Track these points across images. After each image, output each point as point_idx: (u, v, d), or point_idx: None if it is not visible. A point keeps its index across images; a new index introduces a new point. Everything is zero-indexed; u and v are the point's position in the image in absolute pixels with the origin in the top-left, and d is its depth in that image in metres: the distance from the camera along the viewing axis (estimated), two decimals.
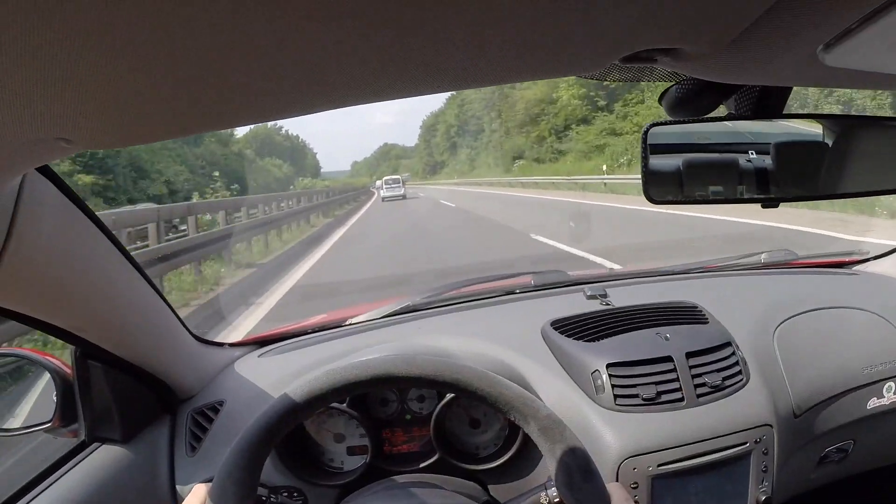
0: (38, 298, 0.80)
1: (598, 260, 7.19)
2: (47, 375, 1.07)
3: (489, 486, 1.16)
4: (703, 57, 0.47)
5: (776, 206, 0.83)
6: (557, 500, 0.81)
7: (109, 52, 0.33)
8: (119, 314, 0.98)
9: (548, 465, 0.76)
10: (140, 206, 15.36)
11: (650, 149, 0.81)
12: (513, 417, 0.78)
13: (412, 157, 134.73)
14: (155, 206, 13.31)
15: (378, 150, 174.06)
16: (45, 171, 0.74)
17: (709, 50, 0.46)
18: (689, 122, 0.78)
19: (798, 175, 0.87)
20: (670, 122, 0.78)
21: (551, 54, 0.43)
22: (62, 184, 0.78)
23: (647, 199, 0.80)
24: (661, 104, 0.75)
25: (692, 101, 0.71)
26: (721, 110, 0.77)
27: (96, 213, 0.86)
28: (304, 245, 13.14)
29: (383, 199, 35.49)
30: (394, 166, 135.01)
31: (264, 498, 0.84)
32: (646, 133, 0.78)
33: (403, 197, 35.57)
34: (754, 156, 0.84)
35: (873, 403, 1.33)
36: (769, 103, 0.74)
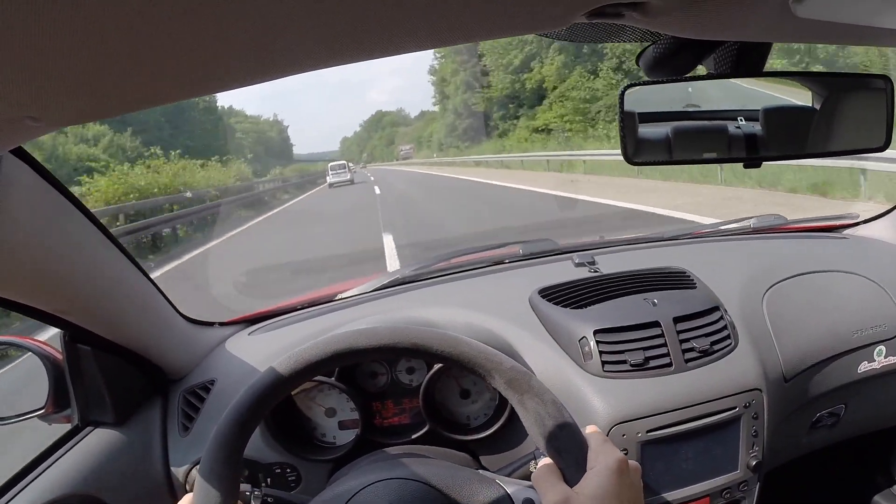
0: (19, 282, 0.79)
1: None
2: (39, 362, 1.07)
3: (480, 457, 1.17)
4: (671, 10, 0.46)
5: (758, 165, 0.82)
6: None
7: (73, 29, 0.32)
8: (104, 295, 0.97)
9: (520, 418, 0.76)
10: None
11: (631, 112, 0.79)
12: (478, 374, 0.77)
13: (412, 125, 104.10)
14: None
15: (368, 120, 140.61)
16: (21, 154, 0.74)
17: (676, 2, 0.45)
18: (667, 81, 0.77)
19: (786, 139, 0.86)
20: (648, 83, 0.77)
21: (512, 10, 0.42)
22: (39, 166, 0.77)
23: (626, 160, 0.79)
24: (638, 65, 0.74)
25: (670, 60, 0.71)
26: (700, 70, 0.76)
27: None
28: None
29: (330, 185, 33.47)
30: (389, 136, 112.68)
31: (248, 493, 0.83)
32: (622, 93, 0.77)
33: (351, 182, 33.25)
34: (743, 122, 0.83)
35: (864, 367, 1.33)
36: (748, 61, 0.73)
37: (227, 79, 0.46)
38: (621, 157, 0.80)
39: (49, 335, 1.14)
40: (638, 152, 0.80)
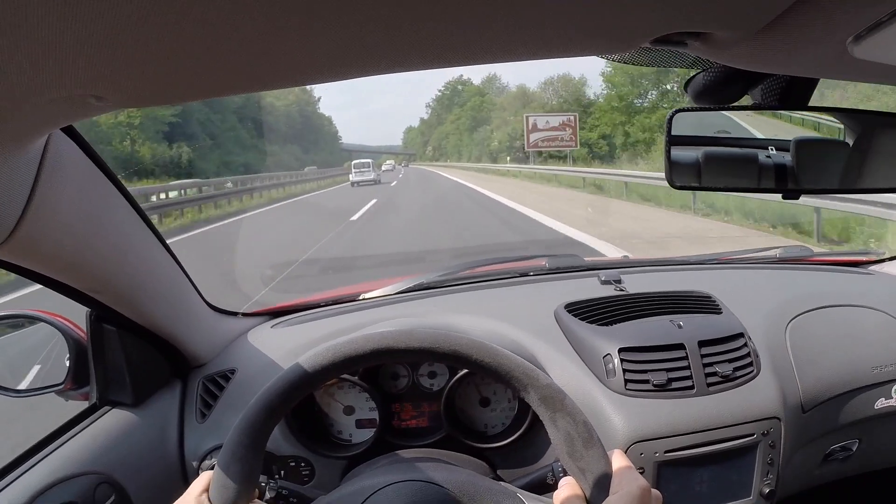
0: (56, 259, 0.80)
1: None
2: (59, 337, 1.08)
3: (497, 470, 1.17)
4: (733, 43, 0.47)
5: (797, 197, 0.82)
6: (562, 476, 0.81)
7: (146, 12, 0.33)
8: (135, 278, 0.98)
9: (549, 435, 0.76)
10: None
11: (678, 137, 0.80)
12: (513, 387, 0.77)
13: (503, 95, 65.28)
14: None
15: (439, 96, 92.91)
16: (70, 132, 0.75)
17: (739, 36, 0.46)
18: (714, 109, 0.77)
19: (818, 172, 0.86)
20: (695, 109, 0.78)
21: (581, 31, 0.43)
22: (86, 145, 0.78)
23: (669, 184, 0.80)
24: (685, 91, 0.75)
25: (718, 88, 0.71)
26: (746, 100, 0.77)
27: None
28: None
29: (353, 184, 31.41)
30: (475, 114, 65.16)
31: (264, 483, 0.83)
32: (670, 119, 0.78)
33: (376, 182, 31.05)
34: (774, 152, 0.83)
35: (881, 404, 1.33)
36: (795, 94, 0.74)
37: (296, 75, 0.47)
38: None
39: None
40: (675, 174, 0.81)
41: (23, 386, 1.10)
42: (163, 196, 16.86)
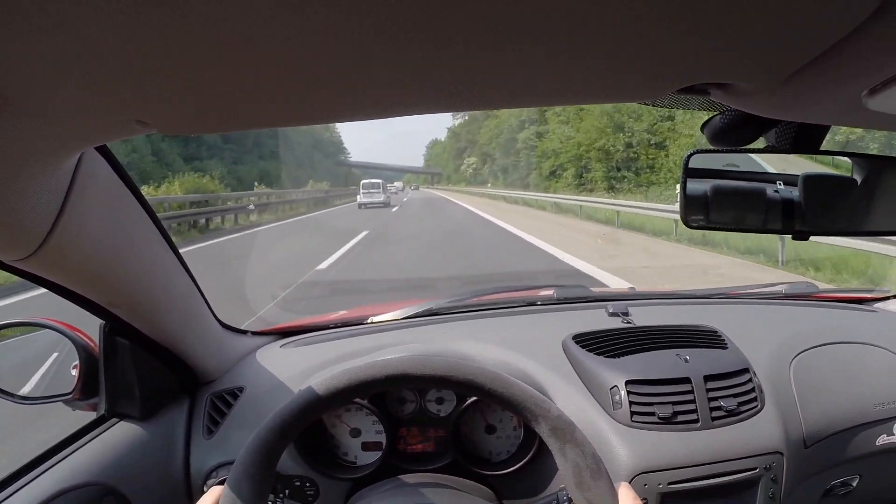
0: (81, 273, 0.81)
1: None
2: (69, 347, 1.09)
3: (500, 493, 1.18)
4: (754, 93, 0.49)
5: (806, 238, 0.83)
6: None
7: (192, 46, 0.35)
8: (154, 294, 1.00)
9: (558, 465, 0.77)
10: None
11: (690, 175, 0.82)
12: (524, 417, 0.79)
13: None
14: None
15: None
16: (102, 150, 0.76)
17: (760, 87, 0.48)
18: (730, 151, 0.79)
19: (826, 209, 0.87)
20: (712, 151, 0.80)
21: (614, 81, 0.45)
22: (116, 163, 0.80)
23: (683, 223, 0.81)
24: (702, 132, 0.76)
25: (734, 131, 0.73)
26: (761, 142, 0.78)
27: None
28: None
29: (360, 205, 29.57)
30: None
31: (271, 502, 0.84)
32: (687, 159, 0.80)
33: (385, 204, 29.05)
34: (782, 187, 0.85)
35: (882, 440, 1.34)
36: (808, 138, 0.75)
37: (338, 112, 0.49)
38: None
39: None
40: (689, 212, 0.83)
41: (26, 393, 1.10)
42: None
